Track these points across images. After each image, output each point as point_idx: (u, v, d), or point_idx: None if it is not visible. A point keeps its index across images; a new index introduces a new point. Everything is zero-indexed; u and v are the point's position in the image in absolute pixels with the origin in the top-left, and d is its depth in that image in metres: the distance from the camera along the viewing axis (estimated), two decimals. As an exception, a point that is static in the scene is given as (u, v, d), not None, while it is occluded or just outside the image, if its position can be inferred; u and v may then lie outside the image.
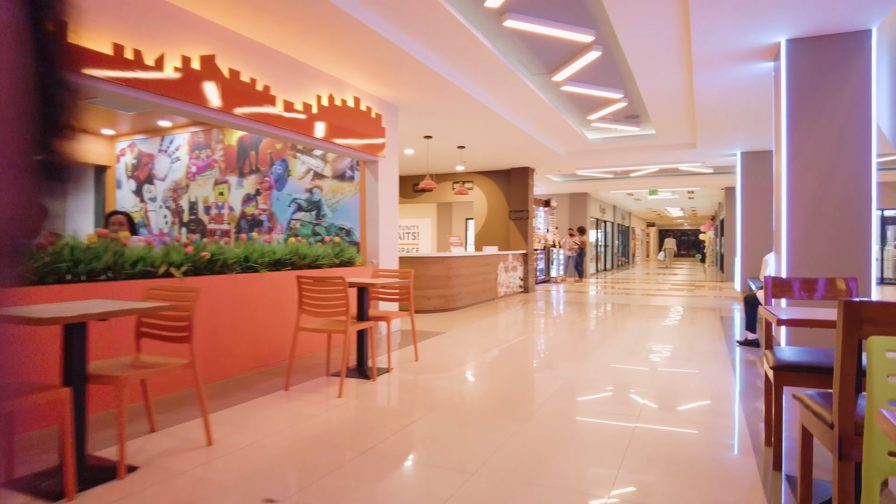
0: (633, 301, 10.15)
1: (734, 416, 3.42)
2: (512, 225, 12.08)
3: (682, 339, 6.15)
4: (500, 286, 10.48)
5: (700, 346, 5.67)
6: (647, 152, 10.20)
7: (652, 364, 4.85)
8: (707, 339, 6.11)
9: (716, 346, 5.65)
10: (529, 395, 3.95)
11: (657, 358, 5.12)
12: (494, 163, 11.57)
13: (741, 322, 7.14)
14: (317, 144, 5.45)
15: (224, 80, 4.33)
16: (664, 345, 5.75)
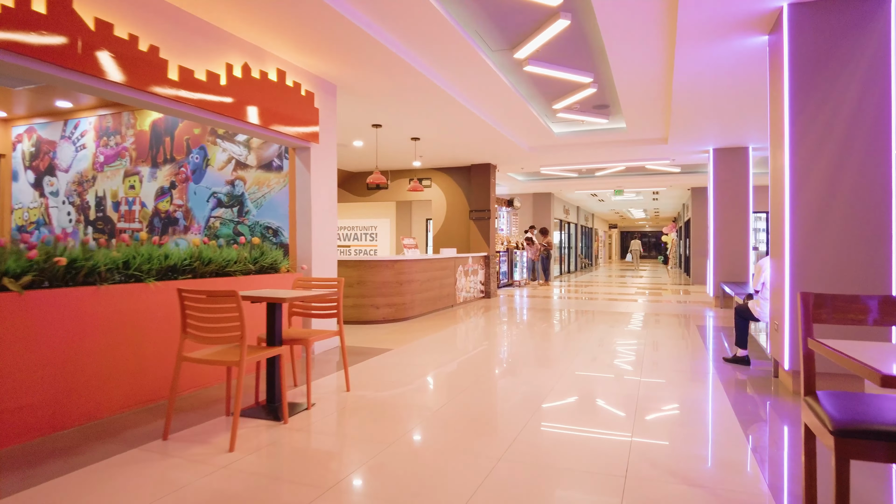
0: (602, 308, 9.43)
1: (750, 474, 2.61)
2: (473, 225, 11.22)
3: (663, 357, 5.38)
4: (459, 292, 9.60)
5: (684, 367, 4.90)
6: (616, 148, 9.51)
7: (634, 401, 4.03)
8: (689, 356, 5.36)
9: (701, 366, 4.89)
10: (489, 434, 3.06)
11: (641, 392, 4.31)
12: (454, 158, 10.69)
13: (720, 333, 6.45)
14: (226, 123, 4.43)
15: (88, 32, 3.28)
16: (643, 368, 4.96)
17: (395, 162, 11.07)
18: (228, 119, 4.39)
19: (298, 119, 5.13)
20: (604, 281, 17.04)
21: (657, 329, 7.03)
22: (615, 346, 5.83)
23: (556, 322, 7.85)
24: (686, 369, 4.78)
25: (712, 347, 5.79)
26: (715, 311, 8.92)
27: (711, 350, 5.63)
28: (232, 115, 4.36)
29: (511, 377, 4.60)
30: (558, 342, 6.26)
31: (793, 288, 3.84)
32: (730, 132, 8.26)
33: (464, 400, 3.84)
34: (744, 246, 9.24)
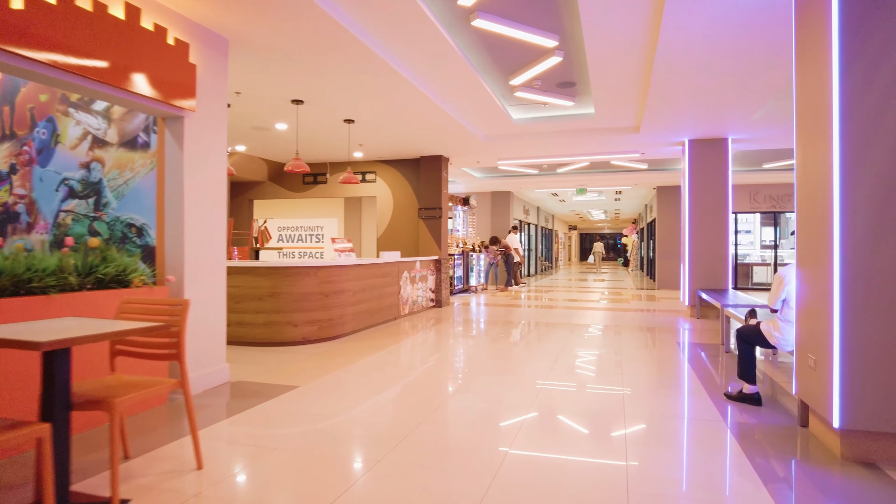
0: (567, 319, 8.29)
1: None
2: (422, 225, 9.92)
3: (648, 394, 4.20)
4: (404, 302, 8.27)
5: (677, 410, 3.73)
6: (582, 138, 8.39)
7: (622, 483, 2.81)
8: (679, 391, 4.20)
9: (699, 408, 3.72)
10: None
11: (631, 465, 3.09)
12: (400, 149, 9.37)
13: (706, 354, 5.34)
14: (23, 69, 2.97)
15: None
16: (627, 414, 3.75)
17: (333, 152, 9.66)
18: (26, 63, 2.94)
19: (161, 76, 3.71)
20: (565, 285, 16.03)
21: (632, 349, 5.89)
22: (586, 379, 4.63)
23: (514, 341, 6.62)
24: (680, 414, 3.60)
25: (704, 376, 4.66)
26: (691, 322, 7.89)
27: (705, 380, 4.50)
28: (28, 50, 2.90)
29: (461, 433, 3.31)
30: (516, 373, 5.02)
31: (845, 308, 2.69)
32: (709, 120, 7.24)
33: (387, 478, 2.52)
34: (723, 249, 8.27)
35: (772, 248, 14.29)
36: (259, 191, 11.39)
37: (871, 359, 2.65)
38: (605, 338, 6.59)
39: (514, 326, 7.57)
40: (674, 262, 14.27)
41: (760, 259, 14.29)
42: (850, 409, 2.68)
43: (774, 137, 8.19)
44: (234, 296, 6.03)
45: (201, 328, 4.18)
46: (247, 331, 6.03)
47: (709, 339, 6.48)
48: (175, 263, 4.02)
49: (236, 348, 5.83)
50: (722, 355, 5.51)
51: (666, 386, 4.40)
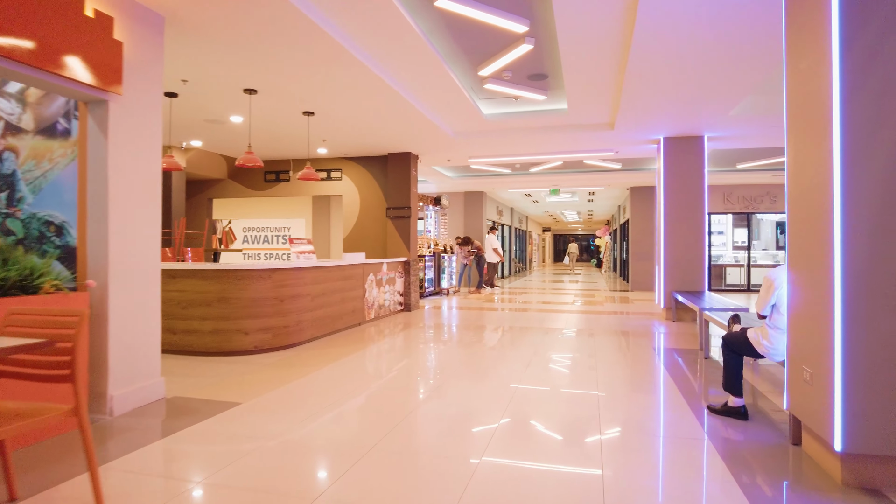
0: (539, 322, 7.97)
1: None
2: (390, 225, 9.50)
3: (625, 405, 3.88)
4: (369, 306, 7.84)
5: (654, 423, 3.41)
6: (555, 135, 8.10)
7: (600, 496, 2.46)
8: (657, 403, 3.89)
9: (680, 421, 3.41)
10: None
11: (605, 478, 2.74)
12: (367, 145, 8.94)
13: (684, 360, 5.06)
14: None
15: None
16: (603, 423, 3.42)
17: (296, 147, 9.17)
18: None
19: (78, 51, 3.23)
20: (539, 287, 15.78)
21: (607, 354, 5.59)
22: (558, 389, 4.29)
23: (484, 347, 6.26)
24: (658, 427, 3.29)
25: (683, 385, 4.37)
26: (667, 325, 7.66)
27: (685, 390, 4.21)
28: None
29: (431, 458, 2.92)
30: (485, 382, 4.65)
31: (848, 314, 2.40)
32: (685, 116, 7.02)
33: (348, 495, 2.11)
34: (699, 250, 8.07)
35: (744, 250, 14.28)
36: (218, 189, 10.81)
37: (879, 372, 2.36)
38: (579, 342, 6.28)
39: (485, 331, 7.21)
40: (647, 264, 14.15)
41: (734, 260, 14.27)
42: (854, 429, 2.38)
43: (751, 135, 8.02)
44: (181, 301, 5.54)
45: (129, 339, 3.70)
46: (194, 339, 5.53)
47: (686, 343, 6.23)
48: (98, 266, 3.53)
49: (182, 359, 5.34)
50: (701, 362, 5.24)
51: (644, 397, 4.09)
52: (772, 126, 7.44)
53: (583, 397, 3.99)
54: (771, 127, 7.47)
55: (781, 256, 14.05)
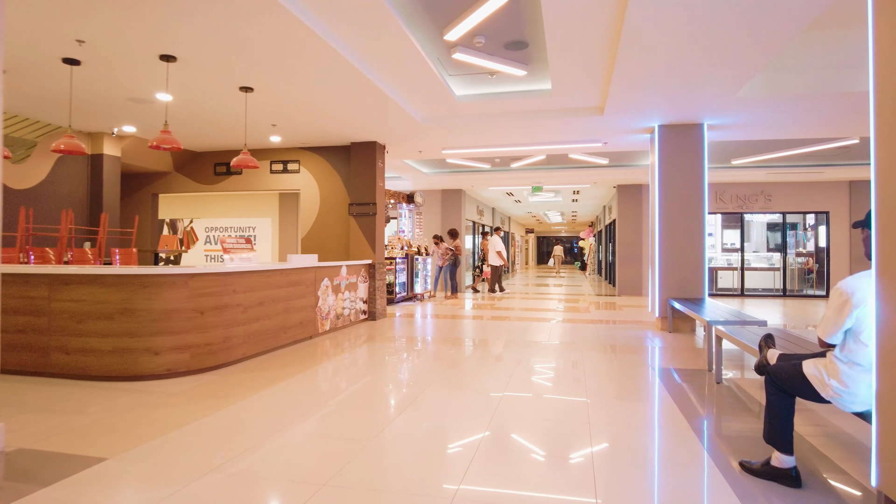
0: (520, 335, 7.00)
1: None
2: (353, 224, 8.46)
3: (628, 464, 2.89)
4: (323, 316, 6.79)
5: (671, 496, 2.42)
6: (537, 121, 7.14)
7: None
8: (666, 452, 2.92)
9: (707, 491, 2.43)
10: None
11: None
12: (325, 133, 7.90)
13: (691, 386, 4.07)
14: None
15: None
16: (606, 492, 2.43)
17: (242, 134, 8.09)
18: None
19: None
20: (522, 291, 14.84)
21: (598, 382, 4.62)
22: (540, 437, 3.30)
23: (456, 370, 5.25)
24: (676, 501, 2.31)
25: (698, 425, 3.41)
26: (662, 336, 6.74)
27: (704, 434, 3.25)
28: None
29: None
30: (445, 424, 3.65)
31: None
32: (684, 98, 6.11)
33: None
34: (698, 251, 7.16)
35: (735, 252, 13.50)
36: (163, 184, 9.67)
37: None
38: (564, 363, 5.31)
39: (456, 345, 6.21)
40: (635, 267, 13.29)
41: (726, 263, 13.48)
42: None
43: (757, 123, 7.14)
44: (76, 313, 4.46)
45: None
46: (92, 361, 4.45)
47: (690, 361, 5.29)
48: None
49: (72, 385, 4.26)
50: (713, 389, 4.30)
51: (650, 445, 3.11)
52: (784, 111, 6.55)
53: (574, 459, 3.01)
54: (783, 112, 6.58)
55: (777, 259, 13.30)
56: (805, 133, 7.71)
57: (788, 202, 12.77)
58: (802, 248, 13.37)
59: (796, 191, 12.69)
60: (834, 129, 7.50)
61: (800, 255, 13.31)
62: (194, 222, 17.08)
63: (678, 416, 3.58)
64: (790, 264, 13.15)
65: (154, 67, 5.09)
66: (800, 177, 12.01)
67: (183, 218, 17.25)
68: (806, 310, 10.27)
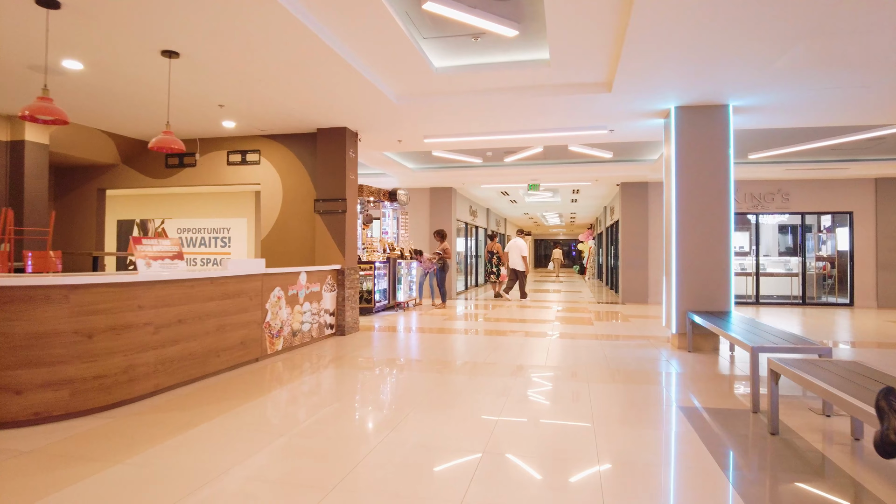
0: (513, 356, 5.88)
1: None
2: (320, 223, 7.32)
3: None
4: (273, 333, 5.65)
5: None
6: (533, 100, 6.03)
7: None
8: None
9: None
10: None
11: None
12: (286, 117, 6.77)
13: (709, 434, 2.91)
14: None
15: None
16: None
17: (191, 119, 6.96)
18: None
19: None
20: (518, 297, 13.72)
21: (614, 431, 3.48)
22: None
23: (418, 404, 4.11)
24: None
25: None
26: (680, 357, 5.62)
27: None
28: None
29: None
30: (420, 490, 2.50)
31: None
32: (707, 73, 5.01)
33: None
34: (723, 256, 6.05)
35: (744, 256, 12.40)
36: (110, 178, 8.52)
37: None
38: (564, 402, 4.18)
39: (431, 371, 5.07)
40: (640, 272, 12.18)
41: (739, 268, 12.36)
42: None
43: (792, 105, 6.02)
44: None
45: None
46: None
47: (722, 396, 4.16)
48: None
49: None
50: (770, 446, 3.17)
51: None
52: (828, 88, 5.44)
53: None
54: (827, 89, 5.47)
55: (795, 263, 12.20)
56: (849, 118, 6.59)
57: (808, 201, 11.67)
58: (823, 252, 12.27)
59: (817, 189, 11.59)
60: (888, 111, 6.37)
61: (820, 260, 12.22)
62: (166, 223, 15.94)
63: (727, 494, 2.44)
64: (809, 269, 12.04)
65: (33, 16, 3.95)
66: (821, 173, 10.92)
67: (154, 218, 16.11)
68: (836, 322, 9.15)
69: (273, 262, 7.55)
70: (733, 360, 5.60)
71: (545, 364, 5.34)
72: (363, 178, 12.10)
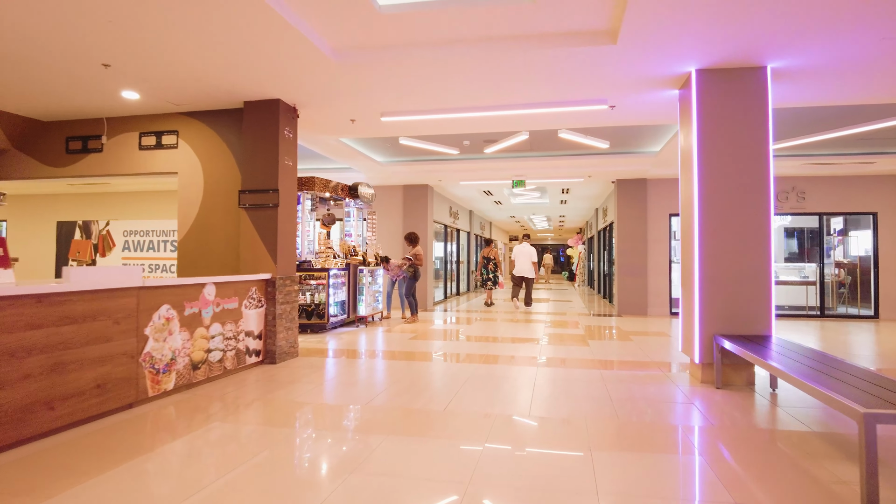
0: (493, 394, 4.44)
1: None
2: (245, 220, 5.82)
3: None
4: (159, 369, 4.13)
5: None
6: (513, 56, 4.61)
7: None
8: None
9: None
10: None
11: None
12: (204, 86, 5.28)
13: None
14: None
15: None
16: None
17: (87, 89, 5.44)
18: None
19: None
20: (506, 313, 12.30)
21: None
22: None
23: (357, 477, 2.63)
24: None
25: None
26: (708, 396, 4.20)
27: None
28: None
29: None
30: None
31: None
32: (741, 20, 3.62)
33: None
34: (762, 263, 4.66)
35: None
36: (1, 166, 6.95)
37: None
38: (551, 489, 2.73)
39: (363, 431, 3.59)
40: (638, 280, 10.80)
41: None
42: None
43: (853, 67, 4.62)
44: None
45: None
46: None
47: (802, 487, 2.73)
48: None
49: None
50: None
51: None
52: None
53: None
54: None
55: (811, 270, 10.89)
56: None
57: (827, 201, 10.37)
58: (843, 258, 10.98)
59: (836, 187, 10.31)
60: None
61: (840, 266, 10.93)
62: (111, 224, 14.31)
63: None
64: (827, 277, 10.74)
65: None
66: (843, 168, 9.63)
67: (98, 220, 14.47)
68: (883, 340, 7.80)
69: (192, 271, 6.03)
70: (775, 401, 4.20)
71: (529, 413, 3.88)
72: (325, 172, 10.61)
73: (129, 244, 13.98)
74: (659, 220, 10.85)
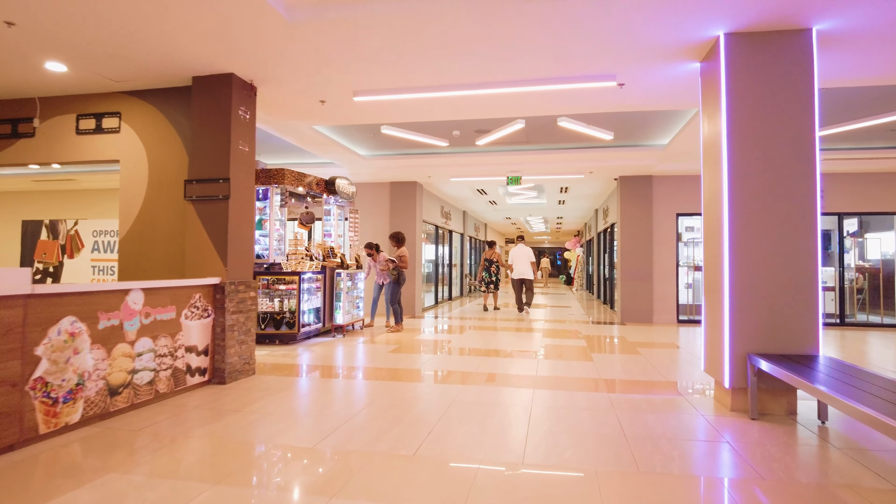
0: (483, 437, 3.61)
1: None
2: (193, 215, 4.97)
3: None
4: (57, 398, 3.28)
5: None
6: (497, 11, 3.79)
7: None
8: None
9: None
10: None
11: None
12: (144, 56, 4.45)
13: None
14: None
15: None
16: None
17: (7, 61, 4.60)
18: None
19: None
20: (502, 321, 11.48)
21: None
22: None
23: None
24: None
25: None
26: (744, 433, 3.38)
27: None
28: None
29: None
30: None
31: None
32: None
33: None
34: (808, 267, 3.85)
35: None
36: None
37: None
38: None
39: (330, 482, 2.76)
40: (643, 285, 10.00)
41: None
42: None
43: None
44: None
45: None
46: None
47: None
48: None
49: None
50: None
51: None
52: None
53: None
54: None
55: (830, 275, 10.10)
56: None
57: (846, 199, 9.60)
58: (864, 262, 10.20)
59: (855, 184, 9.54)
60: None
61: (861, 270, 10.15)
62: (80, 224, 13.42)
63: None
64: (846, 282, 9.96)
65: None
66: (866, 164, 8.87)
67: (66, 219, 13.57)
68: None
69: (134, 275, 5.19)
70: (828, 437, 3.39)
71: (522, 460, 3.04)
72: (305, 167, 9.77)
73: (98, 245, 13.10)
74: (665, 220, 10.06)
